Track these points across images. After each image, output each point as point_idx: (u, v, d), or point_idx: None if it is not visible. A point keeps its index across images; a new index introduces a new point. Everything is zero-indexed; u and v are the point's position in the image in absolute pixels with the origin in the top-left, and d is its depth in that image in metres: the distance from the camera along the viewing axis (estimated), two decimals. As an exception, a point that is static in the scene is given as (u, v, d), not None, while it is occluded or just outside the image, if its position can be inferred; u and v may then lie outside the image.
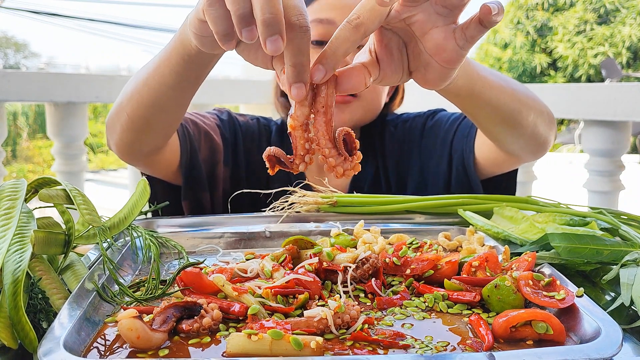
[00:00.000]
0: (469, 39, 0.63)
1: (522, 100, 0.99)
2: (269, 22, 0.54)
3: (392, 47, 0.67)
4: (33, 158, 10.78)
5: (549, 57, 14.31)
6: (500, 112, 0.96)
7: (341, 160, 0.61)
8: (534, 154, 1.11)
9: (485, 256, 0.68)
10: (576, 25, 13.85)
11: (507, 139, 1.04)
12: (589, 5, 13.90)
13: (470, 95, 0.88)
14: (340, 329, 0.56)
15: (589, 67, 13.58)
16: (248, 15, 0.55)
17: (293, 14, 0.57)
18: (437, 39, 0.64)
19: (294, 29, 0.57)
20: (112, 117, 1.00)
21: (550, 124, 1.09)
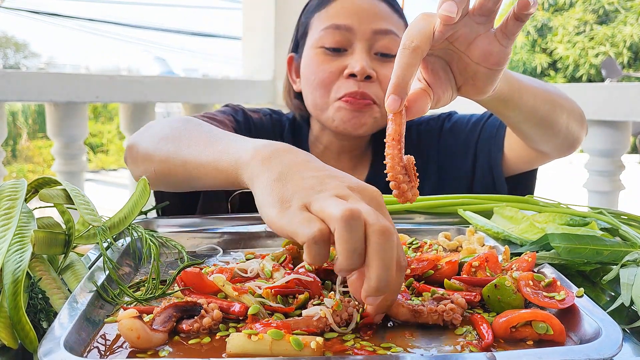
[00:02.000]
0: (510, 36, 0.67)
1: (555, 101, 1.01)
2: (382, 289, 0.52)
3: (438, 71, 0.70)
4: (33, 158, 10.78)
5: (549, 58, 14.32)
6: (536, 114, 0.98)
7: (410, 187, 0.65)
8: (565, 151, 1.14)
9: (485, 256, 0.68)
10: (576, 26, 13.85)
11: (541, 139, 1.07)
12: (588, 6, 13.90)
13: (511, 99, 0.91)
14: (340, 326, 0.56)
15: (589, 67, 13.59)
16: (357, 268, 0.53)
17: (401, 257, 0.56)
18: (482, 46, 0.67)
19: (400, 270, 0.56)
20: (138, 156, 0.94)
21: (582, 122, 1.11)
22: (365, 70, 1.13)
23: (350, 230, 0.51)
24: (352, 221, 0.51)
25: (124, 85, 2.41)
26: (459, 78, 0.71)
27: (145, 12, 67.57)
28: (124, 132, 2.62)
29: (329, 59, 1.17)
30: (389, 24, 1.16)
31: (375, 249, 0.51)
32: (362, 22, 1.15)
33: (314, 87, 1.18)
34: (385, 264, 0.51)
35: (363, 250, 0.52)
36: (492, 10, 0.65)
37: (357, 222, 0.51)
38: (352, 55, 1.15)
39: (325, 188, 0.57)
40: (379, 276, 0.51)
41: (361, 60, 1.13)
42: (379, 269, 0.51)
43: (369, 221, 0.52)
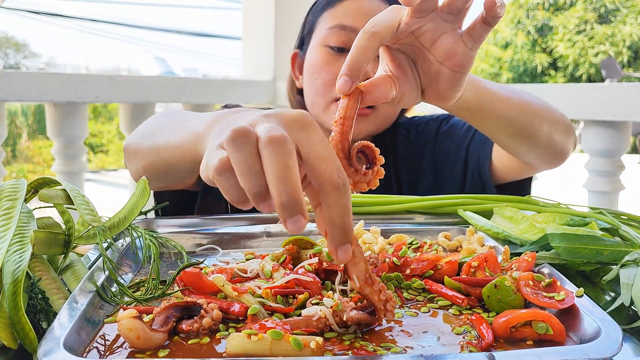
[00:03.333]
0: (476, 39, 0.66)
1: (534, 112, 0.99)
2: (287, 204, 0.47)
3: (404, 66, 0.69)
4: (33, 158, 10.78)
5: (550, 57, 14.31)
6: (512, 125, 0.96)
7: (351, 172, 0.61)
8: (551, 163, 1.12)
9: (484, 256, 0.68)
10: (577, 25, 13.85)
11: (522, 150, 1.05)
12: (589, 5, 13.90)
13: (480, 109, 0.89)
14: (340, 326, 0.56)
15: (589, 66, 13.59)
16: (263, 191, 0.49)
17: (330, 171, 0.50)
18: (446, 45, 0.66)
19: (337, 189, 0.50)
20: (129, 155, 0.96)
21: (567, 133, 1.08)
22: (367, 73, 1.12)
23: (237, 149, 0.49)
24: (238, 139, 0.49)
25: (124, 85, 2.41)
26: (423, 79, 0.70)
27: (145, 12, 67.56)
28: (124, 132, 2.62)
29: (332, 59, 1.17)
30: None
31: (266, 161, 0.48)
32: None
33: (316, 87, 1.19)
34: (280, 173, 0.47)
35: (260, 168, 0.49)
36: (460, 10, 0.64)
37: (243, 138, 0.49)
38: None
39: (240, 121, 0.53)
40: (277, 190, 0.47)
41: None
42: (275, 181, 0.47)
43: (259, 136, 0.49)
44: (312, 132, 0.52)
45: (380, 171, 0.62)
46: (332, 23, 1.18)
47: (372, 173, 0.61)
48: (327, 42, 1.17)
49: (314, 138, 0.51)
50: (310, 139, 0.51)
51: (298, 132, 0.51)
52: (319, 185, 0.50)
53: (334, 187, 0.50)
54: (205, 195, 1.12)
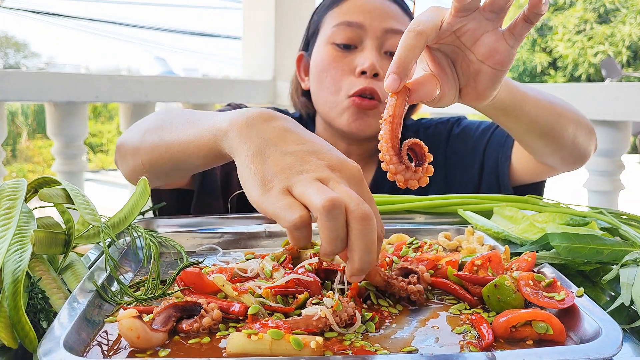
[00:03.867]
0: (518, 37, 0.67)
1: (560, 113, 1.00)
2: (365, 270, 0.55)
3: (444, 66, 0.70)
4: (33, 158, 10.78)
5: (549, 57, 14.31)
6: (540, 125, 0.98)
7: (402, 169, 0.63)
8: (573, 165, 1.13)
9: (488, 256, 0.68)
10: (576, 25, 13.85)
11: (547, 152, 1.06)
12: (589, 5, 13.90)
13: (512, 109, 0.91)
14: (340, 326, 0.56)
15: (589, 66, 13.59)
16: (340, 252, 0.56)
17: (381, 228, 0.59)
18: (489, 43, 0.68)
19: (380, 240, 0.59)
20: (126, 153, 0.95)
21: (590, 135, 1.09)
22: (375, 67, 1.13)
23: (332, 219, 0.53)
24: (334, 210, 0.53)
25: (124, 85, 2.41)
26: (462, 78, 0.71)
27: (145, 12, 67.54)
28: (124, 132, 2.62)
29: (339, 56, 1.17)
30: (399, 24, 1.17)
31: (357, 235, 0.54)
32: (374, 20, 1.16)
33: (325, 85, 1.19)
34: (367, 247, 0.54)
35: (345, 236, 0.54)
36: (502, 8, 0.65)
37: (338, 210, 0.53)
38: (362, 52, 1.16)
39: (305, 168, 0.58)
40: (361, 259, 0.54)
41: (370, 57, 1.14)
42: (362, 252, 0.54)
43: (350, 207, 0.54)
44: (365, 190, 0.60)
45: (430, 168, 0.65)
46: (338, 20, 1.18)
47: (422, 170, 0.64)
48: (333, 40, 1.18)
49: (366, 196, 0.59)
50: (364, 196, 0.58)
51: (355, 188, 0.58)
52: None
53: (380, 240, 0.59)
54: (201, 194, 1.12)
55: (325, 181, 0.57)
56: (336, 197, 0.54)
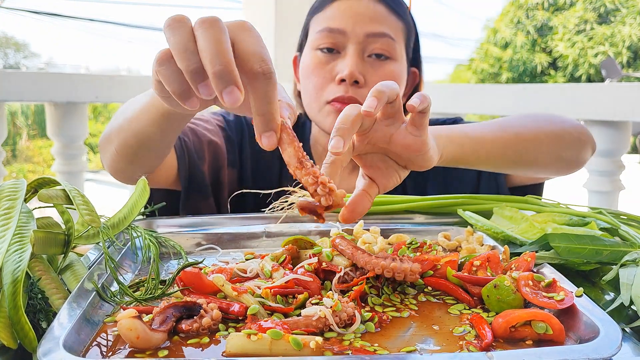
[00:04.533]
0: (420, 127, 0.73)
1: (528, 139, 1.02)
2: (220, 74, 0.52)
3: (377, 164, 0.76)
4: (33, 158, 10.78)
5: (549, 57, 14.31)
6: (504, 160, 1.00)
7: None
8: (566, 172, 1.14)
9: (487, 256, 0.68)
10: (576, 25, 13.86)
11: (527, 173, 1.09)
12: (589, 5, 13.90)
13: (464, 159, 0.93)
14: (339, 326, 0.56)
15: (589, 67, 13.59)
16: (200, 70, 0.53)
17: (255, 61, 0.55)
18: (399, 140, 0.73)
19: (258, 78, 0.55)
20: (103, 143, 1.00)
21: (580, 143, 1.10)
22: (354, 75, 1.13)
23: (173, 32, 0.53)
24: (174, 23, 0.53)
25: (124, 85, 2.41)
26: (400, 161, 0.76)
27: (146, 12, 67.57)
28: (123, 132, 2.61)
29: (322, 62, 1.17)
30: (383, 27, 1.16)
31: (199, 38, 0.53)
32: (356, 25, 1.15)
33: (309, 90, 1.20)
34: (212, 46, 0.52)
35: (195, 48, 0.53)
36: (395, 111, 0.72)
37: (179, 23, 0.53)
38: (343, 59, 1.16)
39: None
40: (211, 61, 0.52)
41: (350, 65, 1.13)
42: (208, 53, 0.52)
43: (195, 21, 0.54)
44: (248, 32, 0.57)
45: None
46: (321, 26, 1.18)
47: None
48: (317, 46, 1.18)
49: (247, 36, 0.56)
50: (244, 36, 0.56)
51: (236, 31, 0.56)
52: (246, 76, 0.55)
53: (256, 76, 0.55)
54: (188, 192, 1.12)
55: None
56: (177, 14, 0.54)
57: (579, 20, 13.86)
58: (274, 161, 1.24)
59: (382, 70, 1.15)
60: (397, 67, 1.17)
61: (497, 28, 15.12)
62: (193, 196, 1.12)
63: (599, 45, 13.47)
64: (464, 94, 2.51)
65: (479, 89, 2.77)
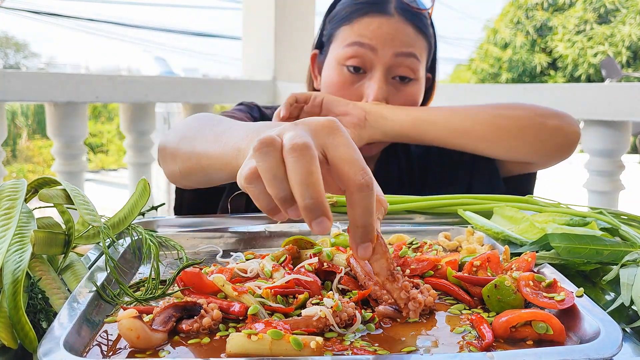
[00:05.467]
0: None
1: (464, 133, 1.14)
2: (311, 207, 0.50)
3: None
4: (33, 158, 10.78)
5: (549, 57, 14.32)
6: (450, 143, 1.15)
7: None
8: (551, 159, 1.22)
9: (487, 256, 0.68)
10: (576, 25, 13.86)
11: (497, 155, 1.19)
12: (588, 5, 13.90)
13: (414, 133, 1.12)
14: (340, 326, 0.56)
15: (588, 67, 13.59)
16: (289, 197, 0.51)
17: (355, 172, 0.52)
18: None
19: (360, 189, 0.52)
20: (166, 155, 0.98)
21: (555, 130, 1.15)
22: (379, 100, 1.17)
23: (262, 158, 0.51)
24: (264, 148, 0.51)
25: (124, 85, 2.41)
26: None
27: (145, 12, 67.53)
28: (124, 132, 2.62)
29: (348, 81, 1.20)
30: (411, 47, 1.19)
31: (289, 167, 0.50)
32: (386, 44, 1.18)
33: None
34: (303, 179, 0.49)
35: (284, 175, 0.51)
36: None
37: (269, 148, 0.51)
38: (370, 80, 1.19)
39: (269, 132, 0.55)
40: (301, 194, 0.50)
41: (377, 89, 1.17)
42: (298, 186, 0.50)
43: (284, 144, 0.51)
44: (338, 137, 0.53)
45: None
46: (350, 40, 1.20)
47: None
48: (344, 62, 1.20)
49: (340, 142, 0.53)
50: (336, 143, 0.53)
51: (324, 138, 0.53)
52: (344, 186, 0.52)
53: (359, 188, 0.52)
54: (231, 192, 1.13)
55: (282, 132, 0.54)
56: (267, 137, 0.51)
57: (578, 20, 13.86)
58: None
59: (404, 92, 1.20)
60: (418, 88, 1.22)
61: (496, 28, 15.13)
62: (235, 196, 1.13)
63: (599, 45, 13.47)
64: (464, 94, 2.51)
65: (479, 89, 2.77)
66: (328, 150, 0.53)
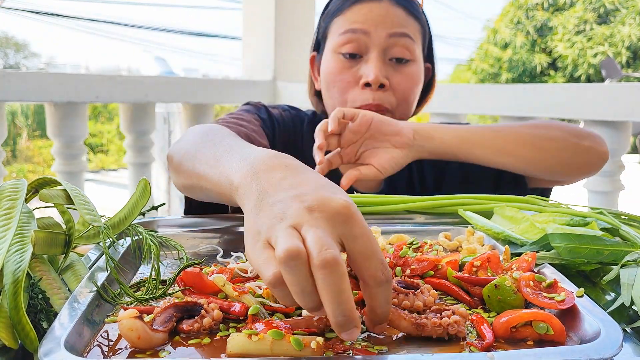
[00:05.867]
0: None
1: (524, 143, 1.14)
2: (342, 324, 0.49)
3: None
4: (33, 158, 10.78)
5: (549, 57, 14.32)
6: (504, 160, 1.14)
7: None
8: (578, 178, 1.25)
9: (487, 256, 0.68)
10: (576, 25, 13.86)
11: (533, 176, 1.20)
12: (588, 5, 13.90)
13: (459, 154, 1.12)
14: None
15: (588, 67, 13.59)
16: (318, 307, 0.51)
17: (377, 269, 0.52)
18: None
19: (380, 285, 0.52)
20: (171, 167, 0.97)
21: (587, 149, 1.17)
22: (379, 79, 1.17)
23: (290, 272, 0.49)
24: (291, 262, 0.49)
25: (124, 85, 2.41)
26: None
27: (145, 12, 67.50)
28: (124, 132, 2.62)
29: (345, 66, 1.21)
30: (404, 28, 1.20)
31: (321, 285, 0.49)
32: (378, 27, 1.19)
33: (333, 95, 1.24)
34: (335, 297, 0.49)
35: (312, 288, 0.50)
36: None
37: (296, 261, 0.49)
38: (366, 63, 1.19)
39: (286, 215, 0.54)
40: (333, 312, 0.49)
41: (375, 69, 1.17)
42: (330, 304, 0.49)
43: (311, 256, 0.50)
44: (355, 227, 0.53)
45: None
46: (343, 28, 1.21)
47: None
48: (339, 50, 1.21)
49: (357, 233, 0.52)
50: (354, 234, 0.52)
51: (341, 228, 0.52)
52: (363, 279, 0.53)
53: (378, 284, 0.52)
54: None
55: (299, 227, 0.52)
56: (292, 247, 0.50)
57: (578, 20, 13.86)
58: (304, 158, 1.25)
59: (403, 72, 1.20)
60: (416, 69, 1.22)
61: (496, 28, 15.13)
62: None
63: (599, 46, 13.47)
64: (464, 94, 2.51)
65: (479, 89, 2.77)
66: (346, 242, 0.52)
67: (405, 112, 1.25)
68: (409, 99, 1.23)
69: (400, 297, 0.60)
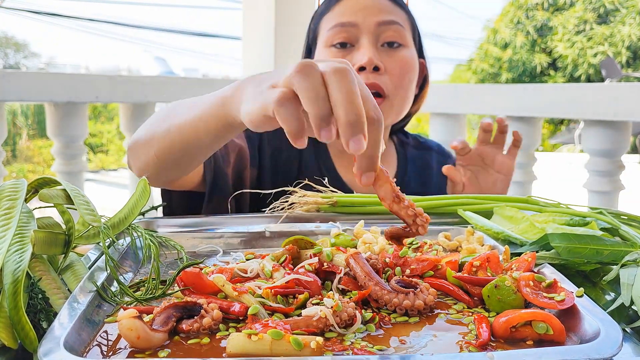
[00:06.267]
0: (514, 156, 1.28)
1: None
2: (354, 123, 0.54)
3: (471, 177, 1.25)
4: (33, 158, 10.78)
5: (549, 57, 14.32)
6: None
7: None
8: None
9: (487, 256, 0.68)
10: (576, 25, 13.86)
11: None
12: (588, 5, 13.90)
13: None
14: (340, 326, 0.56)
15: (588, 67, 13.59)
16: (328, 115, 0.55)
17: (370, 108, 0.58)
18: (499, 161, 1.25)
19: (372, 123, 0.57)
20: (138, 148, 0.97)
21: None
22: (373, 61, 1.16)
23: (305, 78, 0.54)
24: (306, 69, 0.55)
25: (124, 85, 2.41)
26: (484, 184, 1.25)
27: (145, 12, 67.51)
28: (124, 132, 2.62)
29: (338, 56, 1.21)
30: (392, 16, 1.20)
31: (334, 87, 0.54)
32: (366, 17, 1.19)
33: None
34: (348, 97, 0.54)
35: (326, 94, 0.54)
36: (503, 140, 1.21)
37: (311, 69, 0.55)
38: (358, 50, 1.19)
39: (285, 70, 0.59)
40: (345, 111, 0.53)
41: (368, 53, 1.17)
42: (343, 104, 0.54)
43: (323, 68, 0.55)
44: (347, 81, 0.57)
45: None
46: (332, 23, 1.22)
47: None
48: (330, 42, 1.21)
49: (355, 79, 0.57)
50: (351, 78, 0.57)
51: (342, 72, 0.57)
52: None
53: (370, 121, 0.57)
54: (212, 194, 1.12)
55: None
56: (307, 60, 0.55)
57: (578, 20, 13.86)
58: (292, 160, 1.25)
59: (397, 56, 1.20)
60: (409, 53, 1.22)
61: (496, 28, 15.13)
62: (216, 198, 1.12)
63: (599, 46, 13.47)
64: (464, 94, 2.51)
65: (479, 89, 2.77)
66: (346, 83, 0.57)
67: (403, 100, 1.23)
68: (403, 83, 1.21)
69: (400, 296, 0.60)
